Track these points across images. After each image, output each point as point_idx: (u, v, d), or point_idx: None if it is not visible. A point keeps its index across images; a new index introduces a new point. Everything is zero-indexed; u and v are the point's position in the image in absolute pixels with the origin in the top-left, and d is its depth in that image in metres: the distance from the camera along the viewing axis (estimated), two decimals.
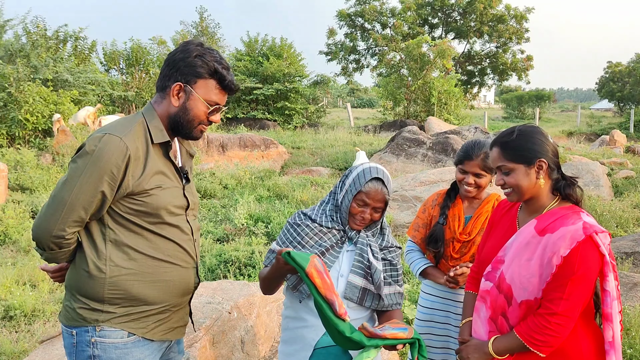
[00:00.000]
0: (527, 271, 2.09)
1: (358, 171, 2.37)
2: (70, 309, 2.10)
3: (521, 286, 2.10)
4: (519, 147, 2.16)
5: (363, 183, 2.31)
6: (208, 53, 2.13)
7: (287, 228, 2.45)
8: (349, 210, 2.36)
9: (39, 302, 5.51)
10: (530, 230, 2.15)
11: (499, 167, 2.23)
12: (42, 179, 10.69)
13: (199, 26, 32.28)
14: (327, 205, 2.48)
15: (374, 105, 44.14)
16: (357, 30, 37.65)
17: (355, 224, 2.39)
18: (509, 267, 2.16)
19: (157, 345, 2.21)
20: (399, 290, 2.47)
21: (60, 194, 1.99)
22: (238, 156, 14.97)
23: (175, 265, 2.18)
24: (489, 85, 40.84)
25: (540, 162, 2.14)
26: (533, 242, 2.11)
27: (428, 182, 8.63)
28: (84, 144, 2.02)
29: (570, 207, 2.15)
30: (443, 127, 18.46)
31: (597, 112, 44.48)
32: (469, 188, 2.90)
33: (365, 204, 2.33)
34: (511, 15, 36.04)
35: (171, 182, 2.17)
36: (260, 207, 9.14)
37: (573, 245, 2.00)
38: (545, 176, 2.17)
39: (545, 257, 2.05)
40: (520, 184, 2.16)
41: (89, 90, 17.50)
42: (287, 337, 2.45)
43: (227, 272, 6.22)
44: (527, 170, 2.15)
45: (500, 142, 2.22)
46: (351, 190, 2.34)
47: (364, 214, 2.35)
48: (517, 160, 2.16)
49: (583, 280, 2.00)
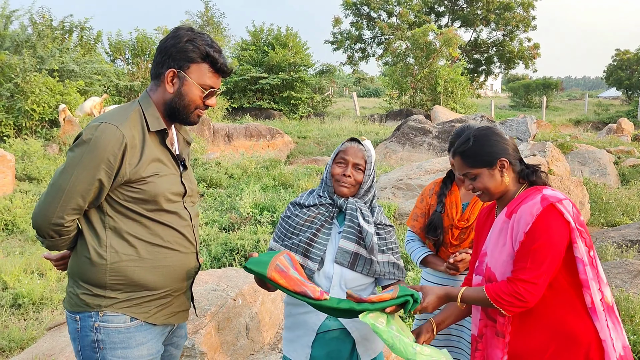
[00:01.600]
0: (504, 255, 2.17)
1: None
2: (73, 295, 2.13)
3: (502, 272, 2.17)
4: (477, 153, 2.25)
5: (341, 146, 2.48)
6: (199, 37, 2.13)
7: (280, 222, 2.53)
8: (331, 174, 2.46)
9: (47, 290, 5.57)
10: (501, 217, 2.24)
11: (464, 174, 2.31)
12: (49, 169, 10.76)
13: (204, 16, 32.25)
14: (313, 189, 2.58)
15: (380, 95, 43.99)
16: (362, 18, 37.50)
17: (340, 186, 2.45)
18: (491, 257, 2.24)
19: (159, 330, 2.24)
20: (394, 261, 2.49)
21: (58, 182, 2.02)
22: (244, 146, 14.99)
23: (175, 250, 2.20)
24: (495, 73, 40.66)
25: (502, 161, 2.23)
26: (504, 228, 2.20)
27: (433, 171, 8.62)
28: (81, 133, 2.03)
29: (534, 188, 2.23)
30: (449, 116, 18.40)
31: (605, 100, 44.15)
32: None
33: (345, 161, 2.44)
34: (518, 3, 35.79)
35: (168, 169, 2.18)
36: (265, 196, 9.16)
37: (533, 219, 2.07)
38: (509, 171, 2.26)
39: (514, 237, 2.13)
40: (488, 185, 2.25)
41: (94, 80, 17.51)
42: (290, 323, 2.48)
43: (232, 260, 6.27)
44: (490, 172, 2.24)
45: (459, 152, 2.31)
46: (333, 157, 2.48)
47: (345, 171, 2.43)
48: (479, 165, 2.25)
49: (546, 247, 2.04)
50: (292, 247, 2.39)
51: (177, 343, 2.45)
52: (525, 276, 2.04)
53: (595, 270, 2.11)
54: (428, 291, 2.26)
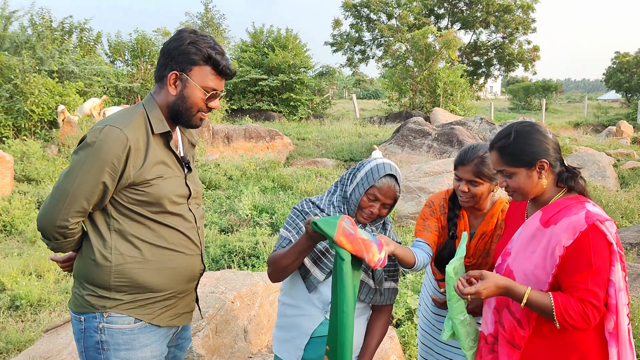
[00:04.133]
0: (530, 263, 2.09)
1: (371, 165, 2.35)
2: (78, 296, 2.14)
3: (525, 277, 2.10)
4: (517, 151, 2.12)
5: (377, 178, 2.30)
6: (201, 40, 2.13)
7: (296, 214, 2.41)
8: (359, 203, 2.35)
9: (45, 292, 5.56)
10: (535, 222, 2.13)
11: (499, 170, 2.20)
12: (48, 170, 10.74)
13: (204, 17, 32.26)
14: (333, 195, 2.46)
15: (380, 97, 44.00)
16: (362, 20, 37.52)
17: (362, 218, 2.37)
18: (514, 259, 2.16)
19: (164, 332, 2.25)
20: (395, 287, 2.51)
21: (63, 185, 2.03)
22: (243, 147, 14.98)
23: (180, 252, 2.20)
24: (495, 76, 40.66)
25: (542, 162, 2.11)
26: (538, 235, 2.10)
27: (432, 173, 8.61)
28: (85, 136, 2.04)
29: (575, 198, 2.12)
30: (449, 118, 18.40)
31: (605, 103, 44.18)
32: (463, 197, 2.64)
33: (376, 199, 2.32)
34: (517, 6, 35.80)
35: (172, 171, 2.18)
36: (264, 198, 9.15)
37: (576, 235, 1.98)
38: (548, 174, 2.14)
39: (549, 249, 2.03)
40: (523, 186, 2.14)
41: (94, 81, 17.49)
42: (283, 323, 2.46)
43: (231, 262, 6.26)
44: (528, 173, 2.12)
45: (498, 147, 2.17)
46: (363, 184, 2.33)
47: (373, 209, 2.33)
48: (517, 164, 2.12)
49: (603, 270, 1.98)
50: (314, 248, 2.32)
51: (181, 345, 2.46)
52: (595, 300, 1.97)
53: (627, 297, 2.05)
54: (488, 276, 2.06)
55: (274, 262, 2.30)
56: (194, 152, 2.48)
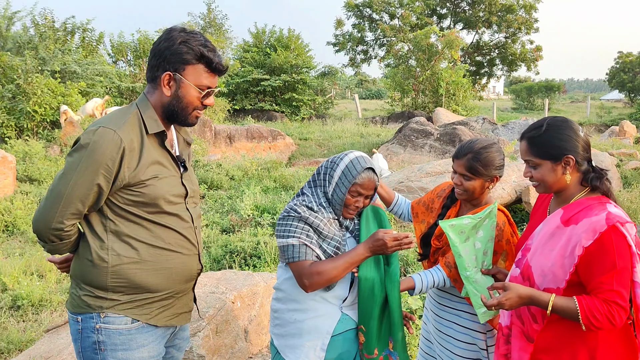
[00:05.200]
0: (548, 260, 2.11)
1: (346, 163, 2.36)
2: (75, 296, 2.14)
3: (542, 274, 2.12)
4: (546, 144, 2.16)
5: (356, 175, 2.32)
6: (192, 38, 2.11)
7: (295, 221, 2.31)
8: (343, 202, 2.36)
9: (46, 292, 5.56)
10: (556, 220, 2.16)
11: (526, 160, 2.23)
12: (50, 171, 10.75)
13: (206, 17, 32.26)
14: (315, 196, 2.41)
15: (382, 97, 43.99)
16: (365, 20, 37.48)
17: (349, 214, 2.41)
18: (533, 255, 2.18)
19: (161, 332, 2.24)
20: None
21: (57, 187, 2.02)
22: (245, 147, 14.98)
23: (177, 252, 2.20)
24: (497, 76, 40.56)
25: (568, 158, 2.13)
26: (557, 233, 2.12)
27: (434, 173, 8.60)
28: (79, 137, 2.03)
29: (597, 198, 2.14)
30: (451, 118, 18.38)
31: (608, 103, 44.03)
32: (457, 189, 2.68)
33: (360, 194, 2.36)
34: (520, 5, 35.73)
35: (168, 171, 2.17)
36: (266, 198, 9.15)
37: (596, 236, 2.00)
38: (573, 170, 2.16)
39: (568, 248, 2.06)
40: (546, 179, 2.18)
41: (96, 81, 17.54)
42: (294, 330, 2.38)
43: (232, 262, 6.25)
44: (553, 167, 2.16)
45: (528, 137, 2.21)
46: (344, 183, 2.34)
47: (358, 204, 2.37)
48: (544, 156, 2.16)
49: (626, 270, 2.00)
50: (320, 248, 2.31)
51: (179, 345, 2.45)
52: (620, 300, 1.99)
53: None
54: (510, 287, 2.09)
55: (320, 274, 2.22)
56: (190, 151, 2.47)
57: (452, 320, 2.76)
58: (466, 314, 2.71)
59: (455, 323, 2.75)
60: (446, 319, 2.78)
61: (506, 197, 7.29)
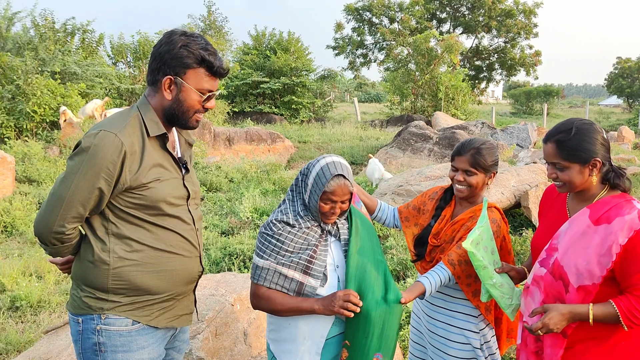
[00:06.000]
0: (583, 259, 2.15)
1: (317, 170, 2.35)
2: (76, 297, 2.14)
3: (577, 272, 2.16)
4: (576, 147, 2.20)
5: (325, 183, 2.30)
6: (193, 42, 2.10)
7: (267, 239, 2.35)
8: (318, 209, 2.35)
9: (45, 293, 5.56)
10: (585, 219, 2.21)
11: (553, 162, 2.27)
12: (49, 172, 10.74)
13: (206, 20, 32.26)
14: (295, 205, 2.43)
15: (381, 100, 43.98)
16: (364, 24, 37.55)
17: (327, 220, 2.38)
18: (564, 255, 2.22)
19: (162, 334, 2.24)
20: None
21: (58, 191, 2.02)
22: (244, 150, 14.99)
23: (178, 255, 2.20)
24: (496, 80, 40.68)
25: (595, 161, 2.19)
26: (589, 232, 2.17)
27: (433, 177, 8.60)
28: (80, 141, 2.03)
29: (621, 196, 2.21)
30: (450, 122, 18.39)
31: (606, 108, 44.20)
32: (459, 186, 2.74)
33: (332, 201, 2.32)
34: (520, 10, 35.84)
35: (170, 173, 2.17)
36: (265, 200, 9.15)
37: (631, 234, 2.07)
38: (598, 172, 2.22)
39: (605, 246, 2.11)
40: (574, 180, 2.23)
41: (96, 83, 17.52)
42: (289, 335, 2.39)
43: (231, 264, 6.25)
44: (581, 169, 2.21)
45: (557, 140, 2.24)
46: (315, 191, 2.33)
47: (334, 210, 2.34)
48: (573, 160, 2.20)
49: None
50: (290, 265, 2.30)
51: (179, 347, 2.45)
52: None
53: None
54: (550, 308, 2.18)
55: (268, 301, 2.32)
56: (192, 152, 2.46)
57: (447, 322, 2.80)
58: (460, 314, 2.76)
59: (450, 324, 2.79)
60: (441, 321, 2.82)
61: (505, 201, 7.30)
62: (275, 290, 2.31)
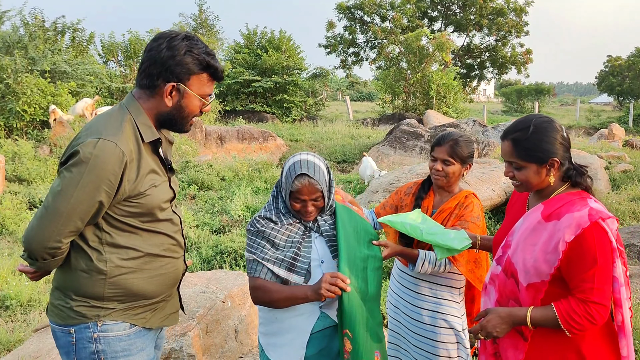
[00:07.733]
0: (531, 255, 2.10)
1: (285, 170, 2.39)
2: (65, 307, 2.05)
3: (524, 269, 2.11)
4: (533, 147, 2.12)
5: (290, 183, 2.32)
6: (195, 46, 2.05)
7: (254, 236, 2.40)
8: (293, 208, 2.39)
9: (35, 292, 5.53)
10: (537, 215, 2.15)
11: (509, 161, 2.21)
12: (40, 171, 10.69)
13: (197, 18, 32.18)
14: (278, 202, 2.46)
15: (373, 99, 44.06)
16: (356, 23, 37.51)
17: (304, 217, 2.41)
18: (515, 251, 2.17)
19: (153, 334, 2.24)
20: None
21: (55, 204, 1.91)
22: (236, 148, 14.97)
23: (169, 257, 2.19)
24: (488, 78, 40.74)
25: (553, 161, 2.12)
26: (539, 228, 2.11)
27: (424, 174, 8.62)
28: (77, 150, 1.91)
29: (577, 193, 2.14)
30: (441, 121, 18.42)
31: (597, 106, 44.32)
32: (437, 176, 2.90)
33: (301, 200, 2.34)
34: (511, 9, 35.90)
35: (161, 178, 2.13)
36: (256, 198, 9.15)
37: (578, 232, 1.99)
38: (556, 171, 2.16)
39: (551, 244, 2.05)
40: (531, 180, 2.17)
41: (87, 82, 17.41)
42: (276, 329, 2.43)
43: (222, 262, 6.25)
44: (538, 169, 2.14)
45: (512, 138, 2.17)
46: (285, 190, 2.37)
47: (307, 208, 2.36)
48: (530, 159, 2.14)
49: (607, 267, 2.00)
50: (275, 262, 2.33)
51: (159, 345, 2.44)
52: (597, 298, 1.98)
53: (629, 291, 2.08)
54: (490, 311, 2.16)
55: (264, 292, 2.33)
56: (172, 150, 2.43)
57: (433, 309, 2.90)
58: (445, 300, 2.89)
59: (436, 312, 2.89)
60: (426, 309, 2.92)
61: (496, 198, 7.33)
62: (270, 281, 2.35)
